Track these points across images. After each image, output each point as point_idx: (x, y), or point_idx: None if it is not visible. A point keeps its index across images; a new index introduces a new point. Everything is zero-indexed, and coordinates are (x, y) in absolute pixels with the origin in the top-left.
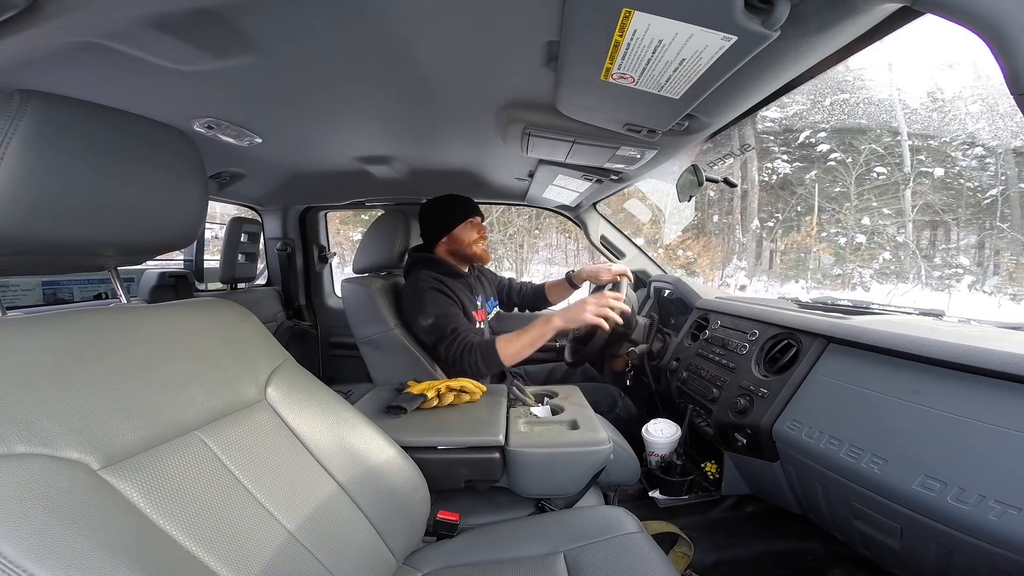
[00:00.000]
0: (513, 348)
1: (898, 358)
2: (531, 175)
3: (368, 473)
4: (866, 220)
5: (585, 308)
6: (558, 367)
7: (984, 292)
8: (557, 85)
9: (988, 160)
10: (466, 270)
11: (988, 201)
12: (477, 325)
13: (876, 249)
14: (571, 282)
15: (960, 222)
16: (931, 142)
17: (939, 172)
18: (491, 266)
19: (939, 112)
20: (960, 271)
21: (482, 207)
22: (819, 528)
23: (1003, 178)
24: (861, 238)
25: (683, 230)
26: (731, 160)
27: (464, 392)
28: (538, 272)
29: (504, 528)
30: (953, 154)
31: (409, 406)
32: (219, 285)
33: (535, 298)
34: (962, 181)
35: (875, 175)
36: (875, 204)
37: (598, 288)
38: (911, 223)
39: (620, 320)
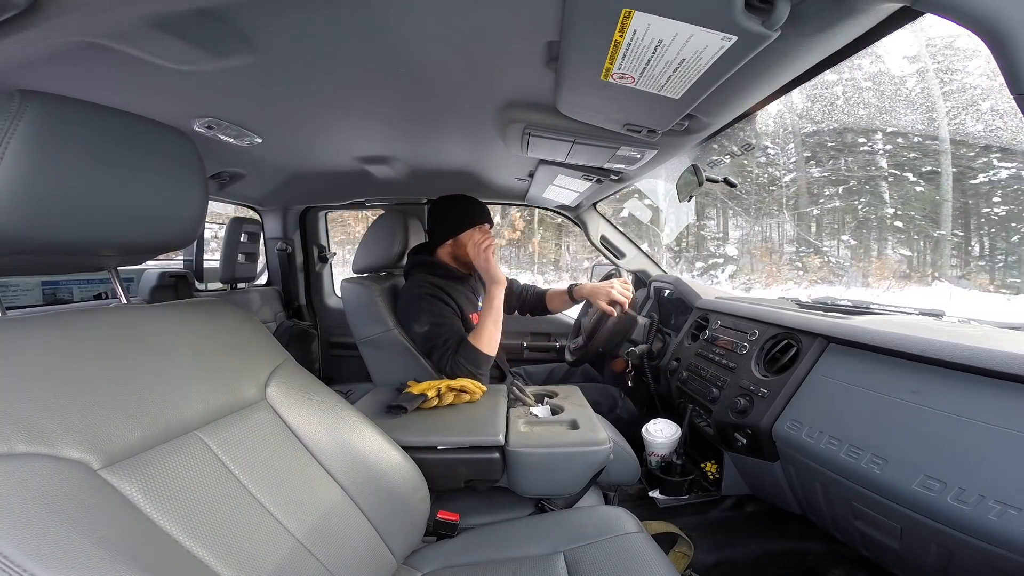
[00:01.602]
0: (483, 336)
1: (898, 358)
2: (531, 175)
3: (368, 473)
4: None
5: (490, 262)
6: (558, 367)
7: (744, 282)
8: (557, 85)
9: (776, 148)
10: (468, 272)
11: (789, 190)
12: None
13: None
14: (571, 296)
15: (751, 211)
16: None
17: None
18: None
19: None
20: (720, 260)
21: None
22: (819, 528)
23: (792, 165)
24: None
25: None
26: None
27: (464, 392)
28: None
29: (504, 528)
30: (754, 141)
31: (409, 406)
32: (219, 285)
33: (536, 304)
34: (759, 168)
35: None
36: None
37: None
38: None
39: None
